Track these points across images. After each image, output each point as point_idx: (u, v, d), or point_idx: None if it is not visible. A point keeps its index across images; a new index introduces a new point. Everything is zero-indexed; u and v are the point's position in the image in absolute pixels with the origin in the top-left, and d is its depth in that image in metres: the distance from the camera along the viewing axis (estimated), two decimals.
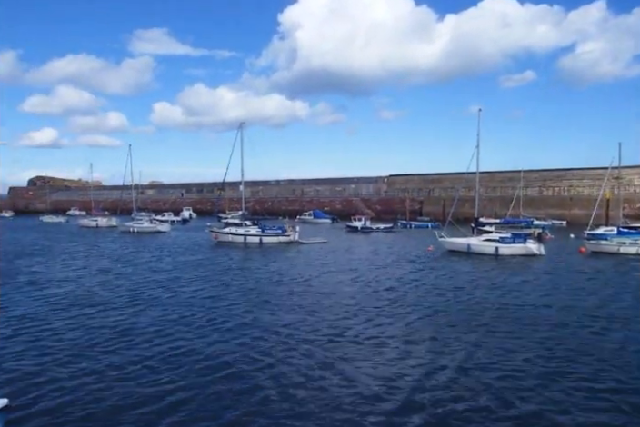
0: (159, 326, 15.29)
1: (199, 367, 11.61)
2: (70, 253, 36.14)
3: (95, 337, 14.13)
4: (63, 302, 19.02)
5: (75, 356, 12.54)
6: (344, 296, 19.85)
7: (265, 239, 42.04)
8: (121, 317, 16.49)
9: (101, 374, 11.19)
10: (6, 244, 42.72)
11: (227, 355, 12.48)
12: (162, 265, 29.27)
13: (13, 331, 14.94)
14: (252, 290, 21.39)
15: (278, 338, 14.02)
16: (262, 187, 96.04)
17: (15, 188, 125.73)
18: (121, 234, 54.16)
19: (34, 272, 26.96)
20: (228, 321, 15.99)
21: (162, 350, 12.95)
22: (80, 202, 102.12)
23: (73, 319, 16.34)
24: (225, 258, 32.71)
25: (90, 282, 23.64)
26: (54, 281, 23.92)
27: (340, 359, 12.25)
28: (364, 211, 73.31)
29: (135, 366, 11.69)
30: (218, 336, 14.26)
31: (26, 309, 17.77)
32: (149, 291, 21.23)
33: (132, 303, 18.61)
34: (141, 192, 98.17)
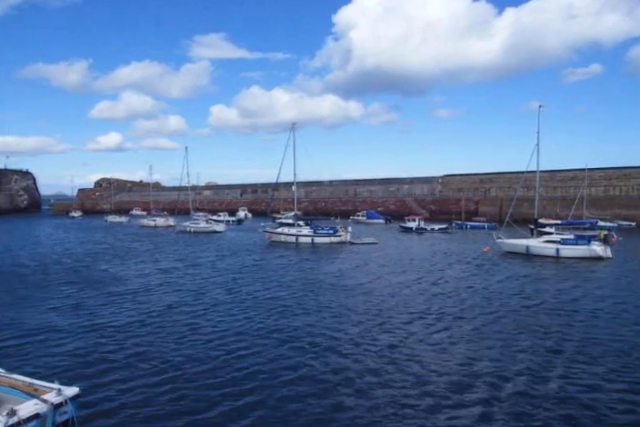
0: (225, 327, 15.24)
1: (267, 369, 11.47)
2: (135, 253, 37.48)
3: (162, 336, 14.40)
4: (133, 300, 19.54)
5: (144, 351, 12.97)
6: (401, 299, 19.23)
7: (316, 239, 42.08)
8: (186, 317, 16.60)
9: (166, 372, 11.45)
10: (77, 244, 45.01)
11: (297, 357, 12.31)
12: (220, 265, 29.65)
13: (88, 325, 15.67)
14: (311, 291, 20.95)
15: (345, 341, 13.70)
16: (315, 188, 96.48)
17: (83, 189, 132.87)
18: (178, 234, 55.76)
19: (103, 270, 28.11)
20: (293, 322, 15.73)
21: (229, 350, 12.97)
22: (141, 202, 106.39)
23: (142, 316, 16.75)
24: (278, 259, 32.74)
25: (155, 280, 24.19)
26: (122, 279, 24.71)
27: (412, 362, 11.81)
28: (418, 211, 72.06)
29: (203, 366, 11.79)
30: (285, 337, 14.09)
31: (99, 306, 18.46)
32: (212, 291, 21.27)
33: (196, 304, 18.67)
34: (198, 192, 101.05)
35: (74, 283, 23.41)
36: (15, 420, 7.63)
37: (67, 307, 18.30)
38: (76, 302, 19.02)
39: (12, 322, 16.39)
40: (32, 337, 14.50)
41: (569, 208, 53.87)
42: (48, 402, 8.14)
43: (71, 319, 16.56)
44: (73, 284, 22.93)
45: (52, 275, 25.84)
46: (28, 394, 8.74)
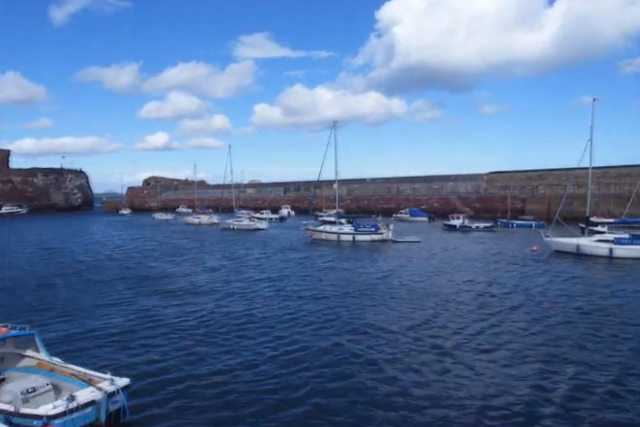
0: (273, 326, 15.35)
1: (315, 373, 11.38)
2: (182, 250, 38.52)
3: (211, 333, 14.70)
4: (183, 297, 20.05)
5: (193, 346, 13.35)
6: (451, 300, 18.78)
7: (358, 237, 41.98)
8: (235, 315, 16.79)
9: (215, 367, 11.74)
10: (128, 241, 46.60)
11: (347, 359, 12.24)
12: (265, 263, 30.03)
13: (138, 320, 16.30)
14: (357, 291, 20.76)
15: (395, 342, 13.56)
16: (358, 185, 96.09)
17: (132, 188, 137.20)
18: (222, 231, 56.80)
19: (153, 267, 29.02)
20: (341, 323, 15.66)
21: (278, 349, 13.08)
22: (186, 200, 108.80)
23: (190, 313, 17.19)
24: (321, 257, 32.78)
25: (203, 278, 24.66)
26: (171, 276, 25.38)
27: (466, 369, 11.46)
28: (462, 209, 70.66)
29: (251, 363, 11.95)
30: (334, 339, 13.98)
31: (149, 302, 19.09)
32: (258, 290, 21.46)
33: (245, 302, 18.84)
34: (242, 190, 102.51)
35: (125, 279, 24.29)
36: (75, 404, 8.17)
37: (120, 302, 19.00)
38: (128, 298, 19.72)
39: (69, 315, 17.16)
40: (86, 330, 15.17)
41: (623, 206, 51.41)
42: (102, 391, 8.63)
43: (123, 314, 17.20)
44: (124, 280, 23.79)
45: (105, 271, 26.89)
46: (84, 383, 9.23)
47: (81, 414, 8.29)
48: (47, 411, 8.09)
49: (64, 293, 20.84)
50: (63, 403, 8.23)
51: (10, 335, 10.49)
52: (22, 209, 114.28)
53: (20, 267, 28.71)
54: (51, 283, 23.14)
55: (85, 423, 8.36)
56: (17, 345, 10.87)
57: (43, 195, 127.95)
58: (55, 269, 27.86)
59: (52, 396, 9.34)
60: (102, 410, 8.57)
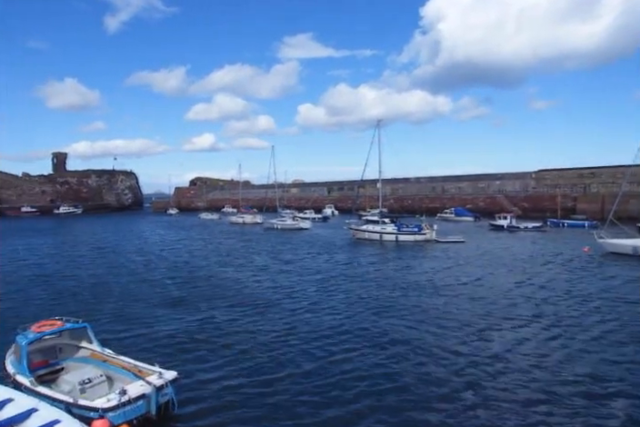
0: (323, 327, 15.28)
1: (366, 375, 11.30)
2: (228, 250, 39.33)
3: (261, 331, 14.88)
4: (231, 296, 20.31)
5: (242, 344, 13.64)
6: (500, 303, 18.17)
7: (400, 237, 41.58)
8: (285, 315, 16.85)
9: (263, 366, 11.91)
10: (176, 241, 47.89)
11: (396, 364, 12.03)
12: (309, 262, 30.23)
13: (187, 317, 16.77)
14: (403, 292, 20.43)
15: (445, 348, 13.10)
16: (402, 185, 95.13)
17: (179, 188, 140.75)
18: (266, 231, 57.51)
19: (202, 267, 29.74)
20: (390, 325, 15.38)
21: (327, 350, 13.03)
22: (231, 200, 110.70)
23: (239, 312, 17.38)
24: (364, 257, 32.60)
25: (250, 277, 24.92)
26: (219, 274, 25.82)
27: (524, 374, 11.07)
28: (509, 208, 68.75)
29: (300, 363, 12.02)
30: (383, 341, 13.82)
31: (197, 300, 19.49)
32: (306, 289, 21.41)
33: (293, 302, 18.81)
34: (285, 190, 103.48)
35: (174, 278, 24.88)
36: (127, 398, 8.55)
37: (169, 301, 19.55)
38: (177, 297, 20.26)
39: (120, 311, 17.83)
40: (137, 325, 15.78)
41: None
42: (152, 384, 8.97)
43: (172, 311, 17.70)
44: (174, 279, 24.42)
45: (156, 270, 27.70)
46: (134, 375, 9.62)
47: (133, 407, 8.65)
48: (102, 404, 8.49)
49: (116, 291, 21.67)
50: (116, 397, 8.60)
51: (65, 329, 11.10)
52: (77, 209, 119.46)
53: (76, 266, 30.02)
54: (104, 281, 24.05)
55: (136, 416, 8.70)
56: (72, 337, 11.50)
57: (96, 196, 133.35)
58: (109, 268, 28.94)
59: (105, 387, 9.81)
60: (152, 403, 8.88)
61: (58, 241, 49.11)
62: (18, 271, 28.04)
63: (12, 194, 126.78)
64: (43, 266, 29.89)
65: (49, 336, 11.02)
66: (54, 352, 11.22)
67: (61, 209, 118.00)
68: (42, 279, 24.96)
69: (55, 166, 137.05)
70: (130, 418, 8.62)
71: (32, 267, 29.43)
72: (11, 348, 11.09)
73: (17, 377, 9.81)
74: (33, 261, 32.65)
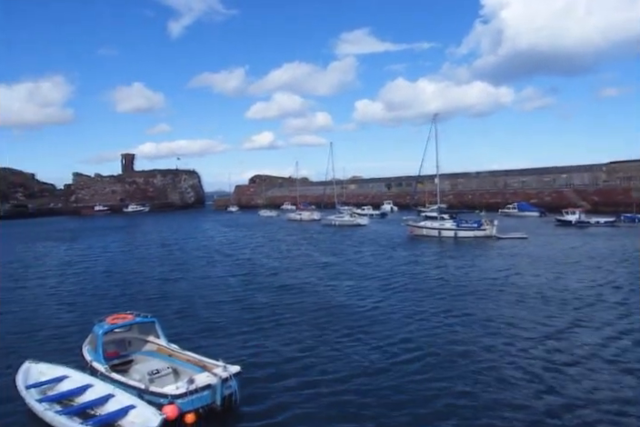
0: (387, 327, 14.95)
1: (433, 377, 11.06)
2: (288, 246, 40.12)
3: (326, 331, 14.94)
4: (297, 291, 20.69)
5: (308, 341, 13.84)
6: (568, 304, 17.09)
7: (459, 233, 40.77)
8: (353, 315, 16.59)
9: (330, 364, 12.06)
10: (240, 238, 49.32)
11: (464, 367, 11.63)
12: (370, 259, 30.33)
13: (247, 315, 17.16)
14: (465, 292, 19.65)
15: (519, 348, 12.62)
16: (461, 179, 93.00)
17: (239, 186, 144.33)
18: (323, 227, 57.99)
19: (263, 264, 30.52)
20: (457, 328, 14.77)
21: (392, 352, 12.77)
22: (290, 197, 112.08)
23: (303, 310, 17.37)
24: (424, 254, 32.18)
25: (313, 273, 25.23)
26: (282, 273, 26.12)
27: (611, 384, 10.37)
28: (577, 203, 65.67)
29: (366, 364, 11.97)
30: (451, 344, 13.35)
31: (261, 299, 19.80)
32: (369, 288, 21.16)
33: (361, 301, 18.56)
34: (343, 186, 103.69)
35: (237, 275, 25.43)
36: (194, 387, 9.02)
37: (234, 296, 20.12)
38: (241, 293, 20.80)
39: (186, 306, 18.71)
40: (202, 320, 16.49)
41: None
42: (217, 376, 9.39)
43: (235, 307, 18.22)
44: (238, 276, 25.05)
45: (219, 267, 28.53)
46: (200, 368, 10.10)
47: (199, 396, 9.09)
48: (172, 391, 9.01)
49: (183, 287, 22.65)
50: (184, 385, 9.09)
51: (135, 322, 11.84)
52: (144, 207, 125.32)
53: (145, 262, 31.64)
54: (172, 278, 25.12)
55: (202, 405, 9.14)
56: (141, 331, 12.22)
57: (161, 194, 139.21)
58: (176, 264, 30.15)
59: (172, 378, 10.33)
60: (217, 393, 9.27)
61: (128, 238, 51.90)
62: (94, 267, 29.97)
63: (86, 194, 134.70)
64: (115, 263, 31.75)
65: (120, 329, 11.77)
66: (124, 344, 11.96)
67: (129, 208, 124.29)
68: (115, 275, 26.56)
69: (123, 167, 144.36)
70: (197, 406, 9.07)
71: (106, 263, 31.34)
72: (87, 338, 11.90)
73: (94, 364, 10.55)
74: (106, 257, 34.77)
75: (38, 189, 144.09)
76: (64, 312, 18.37)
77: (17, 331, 15.77)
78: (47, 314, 17.99)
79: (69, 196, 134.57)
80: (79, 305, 19.31)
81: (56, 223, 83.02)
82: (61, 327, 16.03)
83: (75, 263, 32.29)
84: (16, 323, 16.75)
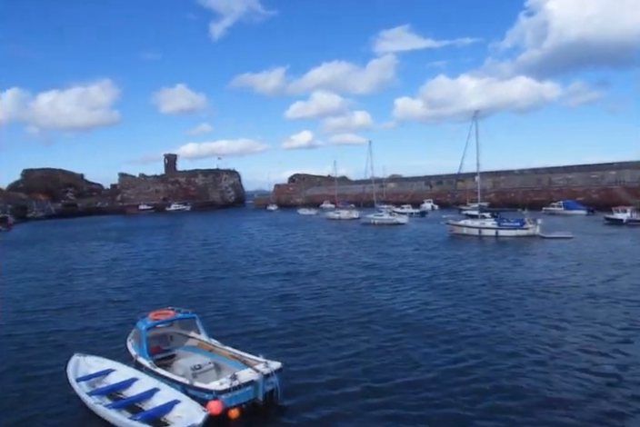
0: (436, 330, 14.57)
1: (487, 380, 10.77)
2: (329, 245, 40.32)
3: (369, 328, 14.98)
4: (340, 292, 20.58)
5: (350, 339, 13.93)
6: (620, 311, 16.01)
7: (501, 232, 39.86)
8: (397, 316, 16.33)
9: (385, 367, 11.92)
10: (282, 237, 49.90)
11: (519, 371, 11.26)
12: (411, 258, 30.13)
13: (292, 314, 17.31)
14: (509, 295, 18.69)
15: (568, 362, 11.75)
16: (503, 177, 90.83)
17: (278, 185, 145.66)
18: (362, 226, 57.87)
19: (303, 263, 30.76)
20: (509, 332, 14.13)
21: (439, 356, 12.41)
22: (329, 196, 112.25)
23: (350, 312, 17.11)
24: (465, 254, 31.52)
25: (356, 273, 25.08)
26: (323, 272, 25.96)
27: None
28: (628, 201, 63.05)
29: (412, 365, 11.79)
30: (505, 349, 12.80)
31: (308, 297, 19.92)
32: (413, 288, 20.79)
33: (406, 302, 18.24)
34: (382, 185, 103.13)
35: (278, 274, 25.55)
36: (237, 383, 9.19)
37: (275, 294, 20.26)
38: (283, 292, 20.87)
39: (227, 304, 19.08)
40: (243, 316, 16.80)
41: None
42: (260, 372, 9.55)
43: (278, 305, 18.32)
44: (280, 275, 25.07)
45: (261, 266, 28.70)
46: (241, 364, 10.28)
47: (242, 392, 9.25)
48: (216, 386, 9.18)
49: (224, 284, 23.08)
50: (228, 381, 9.25)
51: (177, 318, 12.18)
52: (186, 206, 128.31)
53: (188, 260, 32.42)
54: (214, 276, 25.56)
55: (245, 400, 9.29)
56: (182, 327, 12.55)
57: (203, 194, 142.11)
58: (217, 263, 30.70)
59: (214, 374, 10.54)
60: (260, 389, 9.41)
61: (172, 237, 53.31)
62: (139, 265, 31.00)
63: (131, 194, 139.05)
64: (159, 261, 32.70)
65: (163, 325, 12.11)
66: (165, 339, 12.29)
67: (172, 207, 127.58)
68: (158, 272, 27.36)
69: (166, 167, 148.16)
70: (240, 402, 9.22)
71: (150, 261, 32.34)
72: (131, 333, 12.31)
73: (139, 359, 10.90)
74: (151, 255, 35.84)
75: (87, 189, 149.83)
76: (108, 307, 19.06)
77: (65, 325, 16.51)
78: (93, 309, 18.71)
79: (115, 196, 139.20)
80: (123, 301, 20.01)
81: (103, 222, 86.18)
82: (106, 322, 16.67)
83: (122, 260, 33.49)
84: (64, 318, 17.53)
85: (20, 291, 23.13)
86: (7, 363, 12.80)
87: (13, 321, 17.22)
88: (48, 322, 17.04)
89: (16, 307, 19.47)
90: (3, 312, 18.68)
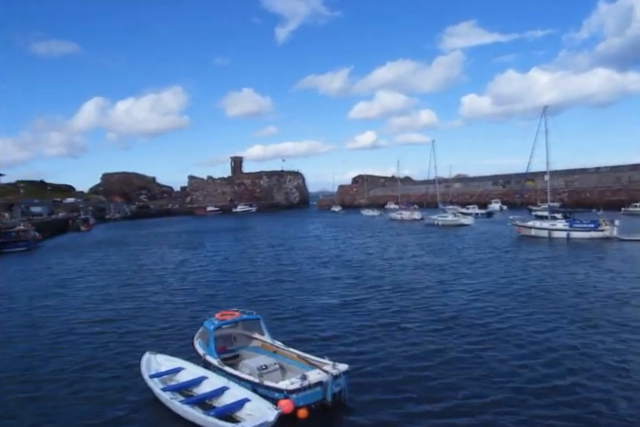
0: (509, 334, 14.11)
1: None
2: (394, 246, 40.13)
3: (437, 329, 14.87)
4: (410, 294, 20.33)
5: (415, 338, 14.02)
6: None
7: (573, 234, 37.89)
8: (456, 317, 16.15)
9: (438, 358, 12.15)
10: (346, 239, 50.22)
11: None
12: (475, 261, 29.41)
13: (357, 317, 17.30)
14: (597, 306, 17.08)
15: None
16: (577, 176, 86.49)
17: (342, 186, 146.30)
18: (426, 227, 57.11)
19: (373, 266, 30.76)
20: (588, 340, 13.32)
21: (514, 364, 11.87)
22: (392, 196, 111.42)
23: (428, 314, 16.93)
24: (535, 258, 29.87)
25: (424, 276, 24.80)
26: (391, 273, 26.13)
27: None
28: None
29: (487, 372, 11.45)
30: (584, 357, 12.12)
31: (374, 298, 19.92)
32: (481, 288, 20.50)
33: (480, 307, 17.54)
34: (447, 185, 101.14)
35: (346, 277, 25.36)
36: (307, 383, 9.39)
37: (344, 297, 20.21)
38: (351, 295, 20.67)
39: (292, 305, 19.44)
40: (307, 319, 17.05)
41: None
42: (329, 373, 9.72)
43: (348, 310, 18.14)
44: (346, 278, 24.88)
45: (328, 268, 28.48)
46: (306, 366, 10.47)
47: (312, 392, 9.43)
48: (287, 386, 9.36)
49: (290, 287, 23.25)
50: (298, 381, 9.42)
51: (242, 319, 12.51)
52: (252, 208, 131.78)
53: (255, 262, 33.06)
54: (280, 279, 25.69)
55: (314, 401, 9.47)
56: (246, 328, 12.86)
57: (267, 195, 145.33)
58: (284, 264, 31.01)
59: (279, 375, 10.75)
60: (328, 390, 9.56)
61: (239, 238, 54.89)
62: (208, 266, 32.16)
63: (199, 195, 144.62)
64: (227, 262, 33.74)
65: (228, 325, 12.43)
66: (230, 340, 12.66)
67: (238, 208, 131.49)
68: (227, 274, 28.22)
69: (232, 169, 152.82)
70: (309, 402, 9.41)
71: (218, 263, 33.44)
72: (198, 332, 12.80)
73: (207, 358, 11.31)
74: (219, 257, 37.09)
75: (158, 191, 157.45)
76: (177, 308, 19.85)
77: (136, 324, 17.45)
78: (163, 310, 19.59)
79: (185, 198, 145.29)
80: (191, 303, 20.70)
81: (174, 224, 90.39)
82: (174, 322, 17.40)
83: (191, 262, 34.85)
84: (135, 317, 18.50)
85: (99, 289, 24.75)
86: (89, 355, 13.90)
87: (92, 319, 18.45)
88: (123, 320, 18.12)
89: (95, 306, 20.83)
90: (84, 310, 20.16)
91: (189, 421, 9.28)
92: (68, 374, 12.51)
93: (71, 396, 11.16)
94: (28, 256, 44.18)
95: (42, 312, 19.90)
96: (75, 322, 18.09)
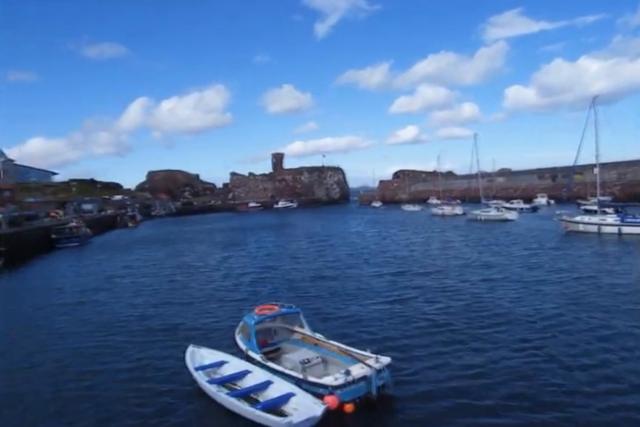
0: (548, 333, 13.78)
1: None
2: (438, 242, 39.69)
3: (483, 329, 14.49)
4: (458, 292, 19.85)
5: (456, 335, 13.95)
6: None
7: (625, 229, 36.22)
8: (504, 318, 15.54)
9: (467, 357, 12.01)
10: (387, 235, 50.03)
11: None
12: (523, 257, 28.64)
13: (404, 311, 17.36)
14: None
15: None
16: (631, 169, 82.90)
17: (383, 181, 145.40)
18: (468, 222, 56.13)
19: (420, 261, 30.71)
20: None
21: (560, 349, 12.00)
22: (434, 191, 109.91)
23: (457, 307, 16.99)
24: (584, 255, 28.44)
25: (474, 276, 24.34)
26: (443, 270, 25.70)
27: None
28: None
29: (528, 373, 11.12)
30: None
31: (416, 296, 19.59)
32: (528, 288, 19.78)
33: (524, 302, 17.37)
34: (490, 180, 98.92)
35: (385, 274, 24.96)
36: (351, 378, 9.42)
37: (383, 296, 19.92)
38: (393, 294, 20.28)
39: (334, 301, 19.58)
40: (349, 313, 17.09)
41: None
42: (372, 368, 9.71)
43: (388, 308, 17.88)
44: (389, 276, 24.37)
45: (371, 265, 28.16)
46: (349, 359, 10.47)
47: (357, 387, 9.46)
48: (332, 381, 9.38)
49: (331, 284, 23.10)
50: (342, 376, 9.43)
51: (281, 313, 12.64)
52: (293, 203, 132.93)
53: (296, 258, 33.35)
54: (322, 275, 25.68)
55: (359, 395, 9.50)
56: (285, 321, 13.00)
57: (308, 191, 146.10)
58: (327, 261, 30.91)
59: (322, 368, 10.81)
60: (372, 384, 9.55)
61: (280, 234, 55.56)
62: (251, 262, 32.74)
63: (241, 192, 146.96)
64: (269, 258, 34.22)
65: (269, 319, 12.53)
66: (270, 333, 12.80)
67: (279, 204, 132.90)
68: (268, 270, 28.64)
69: (273, 165, 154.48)
70: (354, 397, 9.44)
71: (261, 259, 33.96)
72: (238, 327, 13.04)
73: (249, 353, 11.45)
74: (261, 253, 37.72)
75: (202, 188, 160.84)
76: (220, 303, 20.23)
77: (181, 318, 17.98)
78: (205, 304, 20.03)
79: (227, 194, 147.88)
80: (233, 298, 21.04)
81: (217, 220, 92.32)
82: (216, 316, 17.80)
83: (234, 257, 35.59)
84: (180, 312, 19.03)
85: (145, 285, 25.68)
86: (136, 348, 14.48)
87: (138, 313, 19.19)
88: (168, 314, 18.74)
89: (142, 301, 21.60)
90: (131, 305, 20.99)
91: (235, 413, 9.45)
92: (118, 365, 13.11)
93: (119, 386, 11.67)
94: (80, 251, 46.27)
95: (92, 307, 20.87)
96: (122, 315, 18.92)
